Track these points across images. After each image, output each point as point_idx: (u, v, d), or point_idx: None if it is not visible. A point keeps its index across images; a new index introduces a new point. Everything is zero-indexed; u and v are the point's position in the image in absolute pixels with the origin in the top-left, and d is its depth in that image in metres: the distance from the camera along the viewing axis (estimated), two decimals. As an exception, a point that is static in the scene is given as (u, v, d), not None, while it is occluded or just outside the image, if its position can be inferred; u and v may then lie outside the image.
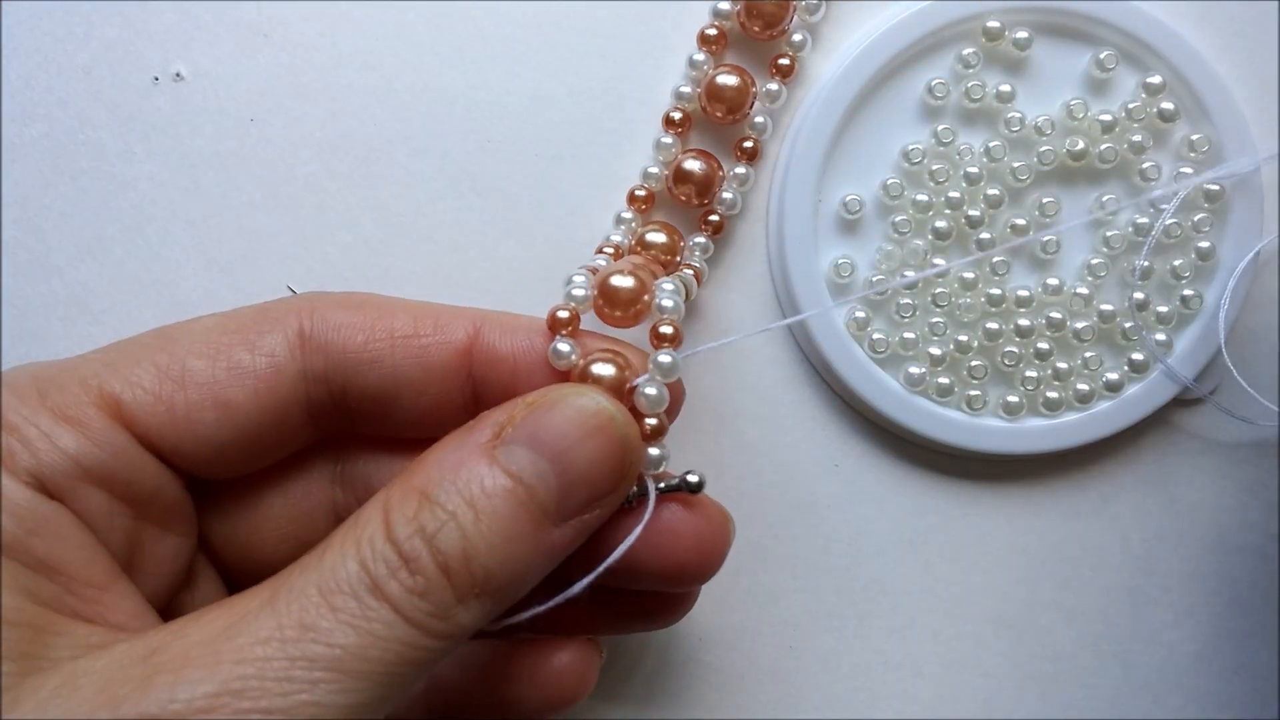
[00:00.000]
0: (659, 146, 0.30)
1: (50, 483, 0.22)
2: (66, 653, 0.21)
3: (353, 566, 0.21)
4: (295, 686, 0.19)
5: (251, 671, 0.19)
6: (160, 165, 0.30)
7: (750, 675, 0.33)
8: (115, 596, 0.22)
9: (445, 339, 0.25)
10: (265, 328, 0.25)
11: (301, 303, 0.26)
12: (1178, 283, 0.31)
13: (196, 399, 0.24)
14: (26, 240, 0.30)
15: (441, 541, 0.21)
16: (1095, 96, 0.31)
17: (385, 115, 0.31)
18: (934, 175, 0.30)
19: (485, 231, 0.31)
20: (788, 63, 0.30)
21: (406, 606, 0.21)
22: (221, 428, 0.24)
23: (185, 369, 0.24)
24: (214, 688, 0.19)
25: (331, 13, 0.30)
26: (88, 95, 0.30)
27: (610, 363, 0.25)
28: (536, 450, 0.23)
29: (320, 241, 0.31)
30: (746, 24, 0.30)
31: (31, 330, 0.30)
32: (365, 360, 0.25)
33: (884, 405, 0.31)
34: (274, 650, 0.20)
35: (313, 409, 0.25)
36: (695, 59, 0.30)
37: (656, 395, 0.25)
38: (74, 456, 0.23)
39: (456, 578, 0.21)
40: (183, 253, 0.31)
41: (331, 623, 0.20)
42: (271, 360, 0.24)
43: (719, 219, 0.30)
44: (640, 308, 0.26)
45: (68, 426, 0.23)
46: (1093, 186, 0.31)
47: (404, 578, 0.21)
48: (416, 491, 0.22)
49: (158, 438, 0.24)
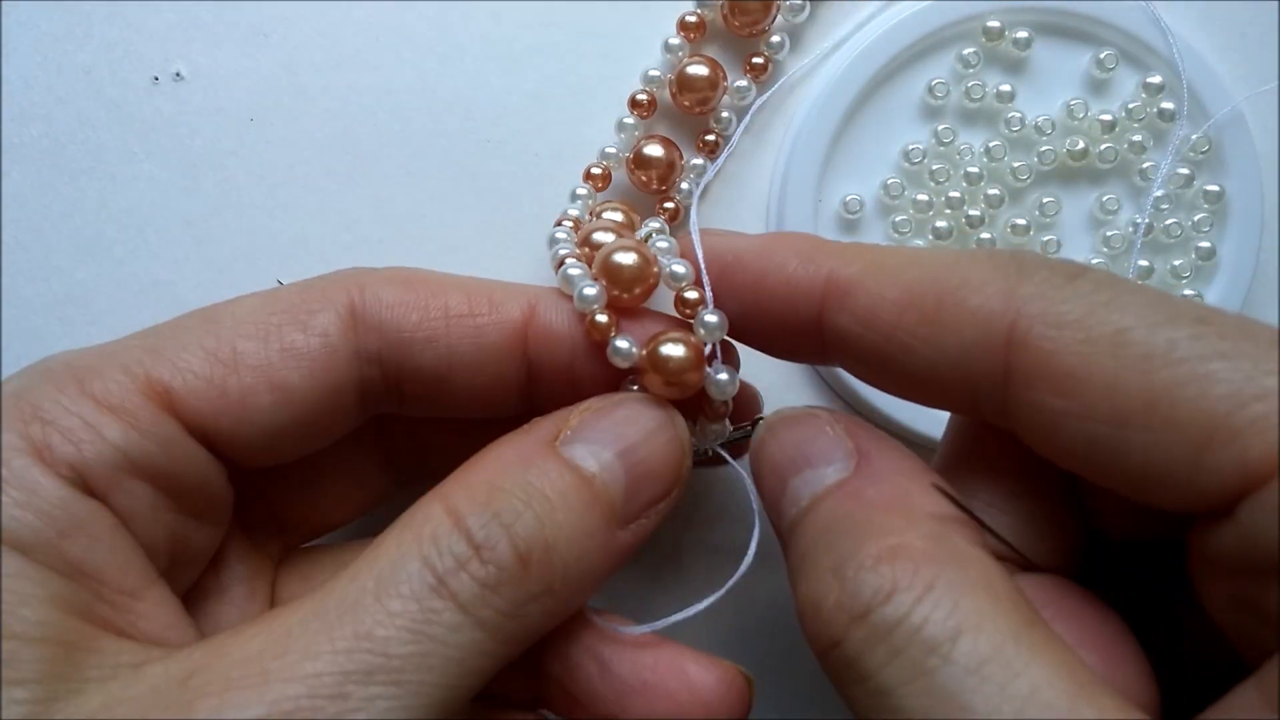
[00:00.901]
0: (620, 126, 0.30)
1: (93, 477, 0.21)
2: (97, 673, 0.19)
3: (414, 566, 0.19)
4: (351, 705, 0.18)
5: (302, 691, 0.18)
6: (160, 165, 0.30)
7: (750, 675, 0.33)
8: (149, 605, 0.21)
9: (501, 317, 0.24)
10: (315, 306, 0.23)
11: (349, 279, 0.24)
12: (1178, 282, 0.31)
13: (251, 383, 0.22)
14: (26, 240, 0.30)
15: (521, 529, 0.20)
16: (1095, 96, 0.31)
17: (385, 115, 0.31)
18: (934, 175, 0.30)
19: (485, 231, 0.31)
20: (761, 62, 0.30)
21: (475, 605, 0.19)
22: (277, 411, 0.22)
23: (236, 351, 0.22)
24: (262, 711, 0.18)
25: (331, 13, 0.30)
26: (88, 95, 0.30)
27: (680, 342, 0.24)
28: (601, 446, 0.22)
29: (320, 241, 0.31)
30: (729, 18, 0.30)
31: (31, 330, 0.30)
32: (420, 340, 0.23)
33: (884, 405, 0.31)
34: (326, 665, 0.18)
35: (365, 390, 0.24)
36: (671, 43, 0.30)
37: (728, 379, 0.24)
38: (120, 448, 0.21)
39: (535, 570, 0.20)
40: (183, 253, 0.31)
41: (389, 630, 0.19)
42: (325, 340, 0.23)
43: (675, 206, 0.30)
44: (652, 282, 0.25)
45: (113, 416, 0.21)
46: (1093, 186, 0.31)
47: (475, 569, 0.19)
48: (483, 484, 0.21)
49: (210, 425, 0.22)
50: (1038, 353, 0.19)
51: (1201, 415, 0.17)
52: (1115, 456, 0.18)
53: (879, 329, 0.21)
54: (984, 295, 0.20)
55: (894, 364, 0.21)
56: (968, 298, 0.20)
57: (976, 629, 0.17)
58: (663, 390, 0.24)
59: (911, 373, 0.21)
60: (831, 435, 0.22)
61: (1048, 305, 0.19)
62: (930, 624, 0.17)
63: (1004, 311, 0.19)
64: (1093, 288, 0.19)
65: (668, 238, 0.26)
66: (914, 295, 0.21)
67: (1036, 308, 0.19)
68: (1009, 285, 0.20)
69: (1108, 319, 0.18)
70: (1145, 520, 0.21)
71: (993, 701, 0.17)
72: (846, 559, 0.19)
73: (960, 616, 0.17)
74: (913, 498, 0.20)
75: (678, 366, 0.23)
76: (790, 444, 0.23)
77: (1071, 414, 0.18)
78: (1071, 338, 0.19)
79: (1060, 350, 0.19)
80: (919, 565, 0.18)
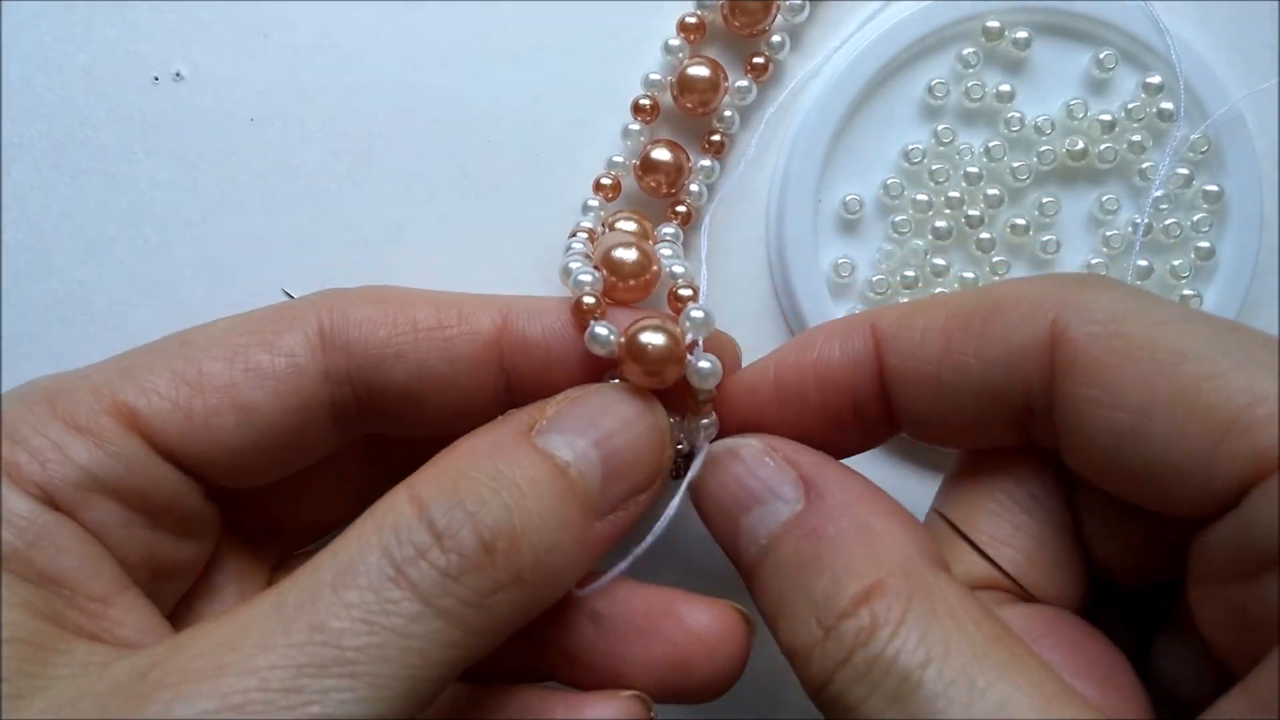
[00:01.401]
0: (626, 133, 0.30)
1: (59, 495, 0.21)
2: (66, 671, 0.19)
3: (373, 557, 0.19)
4: (303, 699, 0.18)
5: (254, 684, 0.18)
6: (160, 165, 0.30)
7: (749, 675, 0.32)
8: (121, 610, 0.21)
9: (471, 329, 0.24)
10: (283, 326, 0.24)
11: (320, 299, 0.24)
12: (1177, 282, 0.31)
13: (215, 403, 0.23)
14: (26, 240, 0.30)
15: (486, 517, 0.20)
16: (1095, 96, 0.31)
17: (385, 115, 0.31)
18: (934, 175, 0.30)
19: (485, 231, 0.31)
20: (762, 62, 0.30)
21: (436, 594, 0.19)
22: (242, 432, 0.23)
23: (201, 372, 0.23)
24: (214, 704, 0.17)
25: (332, 13, 0.30)
26: (88, 95, 0.30)
27: (659, 329, 0.23)
28: (577, 435, 0.22)
29: (320, 241, 0.31)
30: (729, 18, 0.30)
31: (31, 330, 0.30)
32: (388, 356, 0.24)
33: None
34: (280, 658, 0.18)
35: (337, 411, 0.24)
36: (671, 44, 0.30)
37: (710, 368, 0.24)
38: (85, 467, 0.21)
39: (501, 559, 0.20)
40: (183, 253, 0.31)
41: (344, 622, 0.18)
42: (291, 360, 0.23)
43: (686, 209, 0.30)
44: (649, 276, 0.26)
45: (79, 436, 0.22)
46: (1092, 186, 0.31)
47: (435, 557, 0.19)
48: (451, 472, 0.21)
49: (176, 445, 0.23)
50: (1074, 346, 0.20)
51: (1222, 407, 0.18)
52: (1138, 448, 0.19)
53: (930, 356, 0.22)
54: (1026, 303, 0.21)
55: (949, 391, 0.22)
56: (1011, 308, 0.21)
57: (944, 655, 0.18)
58: (642, 380, 0.23)
59: (968, 395, 0.22)
60: (773, 466, 0.22)
61: (1085, 305, 0.20)
62: (902, 655, 0.19)
63: (1046, 311, 0.21)
64: (1128, 293, 0.21)
65: (673, 244, 0.26)
66: (959, 318, 0.22)
67: (1075, 308, 0.21)
68: (1049, 292, 0.21)
69: (1142, 318, 0.20)
70: (1143, 557, 0.22)
71: (963, 718, 0.18)
72: (826, 605, 0.20)
73: (928, 645, 0.19)
74: (873, 530, 0.21)
75: (657, 355, 0.23)
76: (732, 480, 0.23)
77: (1101, 403, 0.20)
78: (1106, 331, 0.20)
79: (1096, 343, 0.20)
80: (891, 602, 0.19)
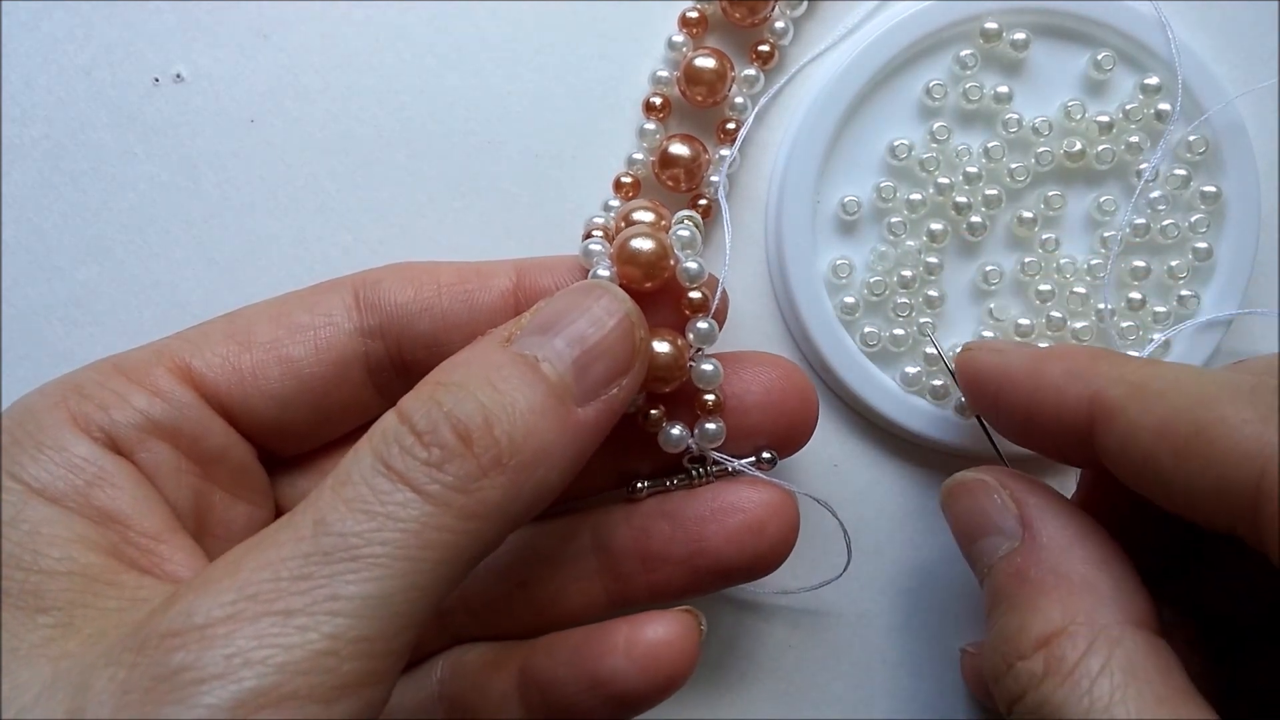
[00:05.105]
0: (642, 133, 0.30)
1: (120, 438, 0.24)
2: (115, 604, 0.21)
3: (365, 460, 0.21)
4: (312, 583, 0.19)
5: (267, 575, 0.19)
6: (160, 166, 0.30)
7: (750, 674, 0.33)
8: (171, 548, 0.23)
9: (489, 283, 0.27)
10: (321, 294, 0.27)
11: (353, 276, 0.28)
12: (1175, 283, 0.31)
13: (261, 358, 0.26)
14: (26, 240, 0.30)
15: (460, 411, 0.21)
16: (1093, 97, 0.31)
17: (385, 116, 0.31)
18: (932, 176, 0.30)
19: (485, 231, 0.31)
20: (768, 49, 0.30)
21: (423, 481, 0.21)
22: (286, 384, 0.26)
23: (250, 333, 0.26)
24: (232, 596, 0.19)
25: (331, 13, 0.30)
26: (88, 96, 0.30)
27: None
28: (546, 334, 0.23)
29: (320, 241, 0.31)
30: (728, 9, 0.30)
31: (31, 330, 0.30)
32: (416, 310, 0.27)
33: (882, 405, 0.31)
34: (289, 551, 0.20)
35: (371, 362, 0.27)
36: (674, 40, 0.30)
37: (713, 371, 0.27)
38: (143, 411, 0.25)
39: (479, 445, 0.21)
40: (183, 253, 0.31)
41: (342, 513, 0.20)
42: (329, 319, 0.27)
43: (707, 202, 0.30)
44: (667, 272, 0.27)
45: (138, 387, 0.25)
46: (1090, 187, 0.31)
47: (419, 452, 0.21)
48: (430, 384, 0.22)
49: (226, 397, 0.26)
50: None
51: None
52: None
53: (1134, 456, 0.23)
54: (1239, 436, 0.21)
55: (1151, 488, 0.23)
56: (1221, 436, 0.21)
57: (1105, 709, 0.21)
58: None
59: (1168, 497, 0.22)
60: (999, 504, 0.25)
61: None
62: (1068, 704, 0.21)
63: (1256, 455, 0.20)
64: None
65: (690, 227, 0.28)
66: (1168, 427, 0.22)
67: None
68: (1263, 428, 0.20)
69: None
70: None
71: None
72: (1010, 643, 0.23)
73: (1093, 697, 0.21)
74: (1070, 579, 0.23)
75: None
76: (964, 513, 0.26)
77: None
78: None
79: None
80: (1066, 651, 0.22)
